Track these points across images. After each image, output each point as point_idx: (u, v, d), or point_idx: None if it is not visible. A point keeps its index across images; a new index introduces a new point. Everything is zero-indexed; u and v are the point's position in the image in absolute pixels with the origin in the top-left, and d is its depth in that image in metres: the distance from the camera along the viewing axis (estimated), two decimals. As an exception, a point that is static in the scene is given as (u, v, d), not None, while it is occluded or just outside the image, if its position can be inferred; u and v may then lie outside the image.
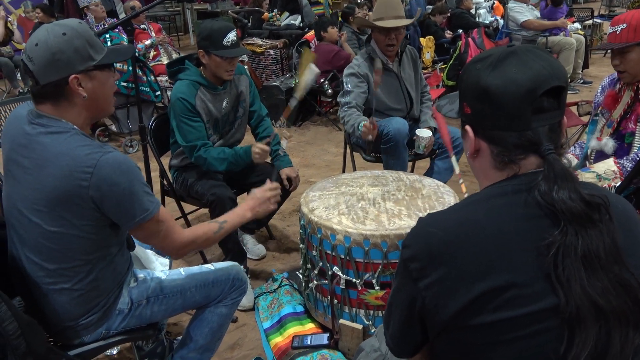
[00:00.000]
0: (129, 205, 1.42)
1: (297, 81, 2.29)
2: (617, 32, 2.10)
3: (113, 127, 5.00)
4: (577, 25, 7.19)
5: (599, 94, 2.39)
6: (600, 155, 2.26)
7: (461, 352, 0.94)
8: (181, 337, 1.89)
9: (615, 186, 2.07)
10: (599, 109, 2.35)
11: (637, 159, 2.08)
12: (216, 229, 1.68)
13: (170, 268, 1.87)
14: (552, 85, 0.92)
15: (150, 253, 1.86)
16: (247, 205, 1.80)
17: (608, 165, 2.12)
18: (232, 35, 2.42)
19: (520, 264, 0.89)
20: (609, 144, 2.21)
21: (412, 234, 0.99)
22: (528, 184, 0.93)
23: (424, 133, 2.95)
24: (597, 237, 0.87)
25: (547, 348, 0.87)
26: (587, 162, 2.34)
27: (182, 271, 1.77)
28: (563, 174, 0.90)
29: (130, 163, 1.43)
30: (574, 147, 2.51)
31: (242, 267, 1.91)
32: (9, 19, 7.08)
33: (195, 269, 1.80)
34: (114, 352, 2.21)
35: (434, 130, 3.01)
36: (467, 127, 1.03)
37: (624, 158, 2.12)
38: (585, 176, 2.16)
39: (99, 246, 1.49)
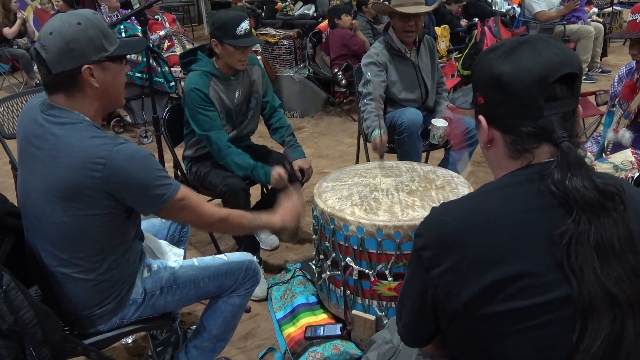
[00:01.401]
0: (146, 194, 1.43)
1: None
2: (638, 21, 2.05)
3: (128, 118, 5.03)
4: (595, 10, 7.04)
5: (615, 84, 2.35)
6: (618, 147, 2.23)
7: (473, 341, 0.94)
8: (195, 326, 1.91)
9: (632, 177, 2.04)
10: (617, 100, 2.30)
11: None
12: (251, 218, 1.71)
13: (184, 258, 1.88)
14: (565, 72, 0.92)
15: (164, 244, 1.87)
16: (280, 214, 1.79)
17: (625, 156, 2.08)
18: (245, 25, 2.41)
19: (533, 254, 0.88)
20: (626, 135, 2.17)
21: (425, 223, 0.99)
22: (541, 173, 0.93)
23: (439, 123, 2.92)
24: (610, 226, 0.86)
25: (559, 338, 0.86)
26: (603, 154, 2.30)
27: (196, 261, 1.78)
28: (577, 162, 0.89)
29: (142, 152, 1.43)
30: (590, 141, 2.46)
31: (255, 257, 1.91)
32: (24, 15, 7.13)
33: (208, 259, 1.81)
34: (129, 341, 2.23)
35: (450, 121, 2.98)
36: (481, 117, 1.03)
37: None
38: (602, 167, 2.12)
39: (112, 236, 1.50)
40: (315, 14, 6.94)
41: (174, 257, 1.83)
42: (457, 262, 0.92)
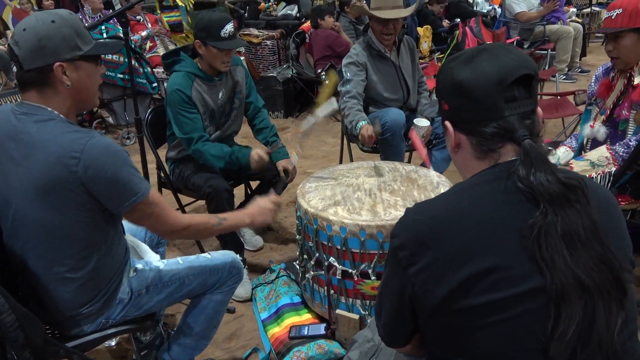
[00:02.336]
0: (120, 188, 1.42)
1: (315, 104, 2.23)
2: (613, 17, 2.10)
3: (110, 119, 4.98)
4: (574, 10, 7.15)
5: (592, 84, 2.40)
6: (596, 144, 2.27)
7: (451, 336, 0.97)
8: (177, 326, 1.91)
9: (609, 172, 2.09)
10: (593, 99, 2.35)
11: (630, 143, 2.09)
12: (216, 222, 1.69)
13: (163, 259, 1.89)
14: (521, 73, 0.97)
15: (143, 245, 1.87)
16: (247, 211, 1.80)
17: (601, 152, 2.14)
18: (229, 27, 2.41)
19: (504, 247, 0.92)
20: (600, 130, 2.23)
21: (400, 223, 1.02)
22: (508, 171, 0.97)
23: (421, 122, 2.94)
24: (575, 217, 0.91)
25: (535, 328, 0.90)
26: (582, 151, 2.35)
27: (180, 260, 1.78)
28: (539, 158, 0.94)
29: (117, 147, 1.43)
30: (570, 138, 2.51)
31: (238, 255, 1.92)
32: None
33: (192, 258, 1.81)
34: (113, 343, 2.22)
35: (432, 120, 3.01)
36: (447, 123, 1.08)
37: (617, 144, 2.13)
38: (579, 165, 2.17)
39: (95, 232, 1.49)
40: (298, 14, 6.96)
41: (155, 256, 1.83)
42: (433, 260, 0.95)
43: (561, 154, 2.39)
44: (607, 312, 0.89)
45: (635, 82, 2.12)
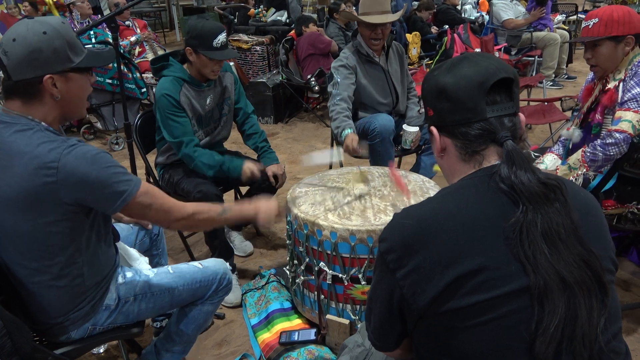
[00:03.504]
0: (106, 190, 1.39)
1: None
2: (590, 27, 2.16)
3: (98, 125, 4.96)
4: (560, 17, 7.25)
5: (583, 89, 2.44)
6: (577, 147, 2.32)
7: (438, 338, 0.98)
8: (165, 330, 1.90)
9: (581, 174, 2.15)
10: (578, 104, 2.41)
11: (596, 144, 2.13)
12: (220, 211, 1.66)
13: (150, 264, 1.88)
14: (501, 76, 1.01)
15: (133, 251, 1.86)
16: (254, 205, 1.77)
17: (577, 155, 2.20)
18: (222, 37, 2.42)
19: (490, 248, 0.94)
20: (575, 133, 2.30)
21: (388, 227, 1.04)
22: (491, 174, 1.00)
23: (410, 128, 2.97)
24: (555, 215, 0.94)
25: (520, 327, 0.91)
26: (568, 156, 2.39)
27: (170, 269, 1.77)
28: (520, 159, 0.98)
29: (94, 150, 1.39)
30: (557, 145, 2.54)
31: (228, 264, 1.91)
32: None
33: (183, 267, 1.80)
34: (101, 350, 2.20)
35: (421, 127, 3.03)
36: (432, 128, 1.11)
37: (589, 145, 2.18)
38: (562, 169, 2.22)
39: (79, 240, 1.47)
40: (288, 20, 6.98)
41: (145, 263, 1.82)
42: (421, 262, 0.96)
43: (548, 162, 2.42)
44: (589, 308, 0.92)
45: (608, 87, 2.17)
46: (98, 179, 1.37)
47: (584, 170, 2.16)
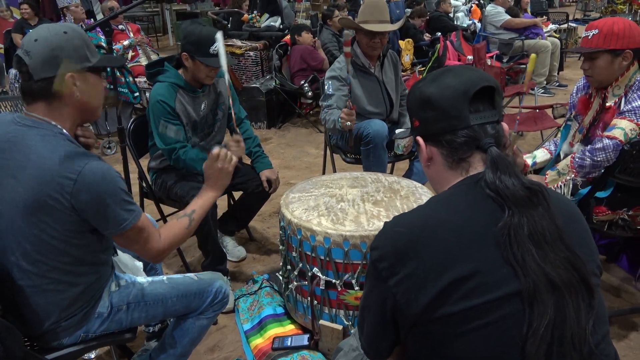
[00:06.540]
0: (110, 214, 1.42)
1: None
2: (589, 37, 2.15)
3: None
4: (551, 26, 7.34)
5: (574, 95, 2.45)
6: None
7: (431, 345, 0.98)
8: (160, 341, 1.89)
9: (570, 179, 2.17)
10: (573, 114, 2.41)
11: (585, 150, 2.16)
12: (187, 224, 1.67)
13: (144, 270, 1.87)
14: (483, 85, 1.05)
15: (127, 256, 1.85)
16: (207, 188, 1.77)
17: (566, 161, 2.22)
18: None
19: (482, 253, 0.96)
20: (579, 150, 2.27)
21: (379, 236, 1.05)
22: (477, 180, 1.03)
23: (403, 133, 2.98)
24: (540, 218, 0.97)
25: (512, 332, 0.92)
26: (557, 162, 2.41)
27: (165, 279, 1.76)
28: (504, 164, 1.00)
29: (113, 173, 1.43)
30: (549, 142, 2.57)
31: (225, 278, 1.90)
32: None
33: (178, 277, 1.79)
34: (92, 356, 2.19)
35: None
36: (418, 138, 1.14)
37: (579, 151, 2.19)
38: (551, 174, 2.24)
39: (83, 248, 1.48)
40: (281, 26, 6.99)
41: (139, 270, 1.81)
42: (413, 269, 0.97)
43: (538, 154, 2.48)
44: (576, 309, 0.93)
45: (608, 104, 2.17)
46: (105, 202, 1.40)
47: (572, 175, 2.18)
